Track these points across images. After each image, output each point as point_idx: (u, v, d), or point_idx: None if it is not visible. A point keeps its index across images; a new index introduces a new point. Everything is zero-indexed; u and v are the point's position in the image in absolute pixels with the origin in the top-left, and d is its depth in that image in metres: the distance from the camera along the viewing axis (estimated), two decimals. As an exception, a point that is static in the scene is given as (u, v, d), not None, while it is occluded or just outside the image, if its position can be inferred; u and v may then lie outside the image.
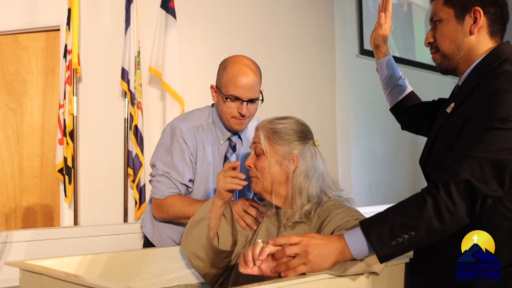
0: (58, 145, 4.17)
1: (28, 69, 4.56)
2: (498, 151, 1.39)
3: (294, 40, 4.78)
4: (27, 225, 4.47)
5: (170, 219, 2.23)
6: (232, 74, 2.18)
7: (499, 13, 1.61)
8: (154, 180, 2.24)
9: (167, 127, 2.32)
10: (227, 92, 2.18)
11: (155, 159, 2.28)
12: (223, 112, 2.23)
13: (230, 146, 2.34)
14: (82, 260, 1.78)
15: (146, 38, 4.30)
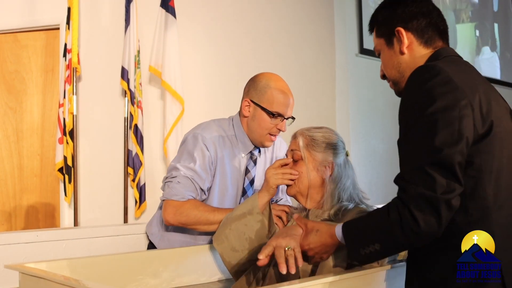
0: (58, 144, 4.17)
1: (27, 68, 4.56)
2: (432, 152, 1.37)
3: (293, 40, 4.77)
4: (27, 224, 4.47)
5: (187, 223, 2.18)
6: (277, 92, 2.24)
7: (426, 22, 1.62)
8: (174, 181, 2.20)
9: (189, 135, 2.31)
10: (273, 109, 2.24)
11: (176, 162, 2.26)
12: (261, 127, 2.28)
13: (252, 159, 2.39)
14: (82, 263, 1.78)
15: (146, 37, 4.29)
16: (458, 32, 6.63)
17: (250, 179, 2.41)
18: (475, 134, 1.40)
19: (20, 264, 1.65)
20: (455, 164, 1.36)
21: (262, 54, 4.64)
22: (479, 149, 1.41)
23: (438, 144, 1.36)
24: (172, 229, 2.33)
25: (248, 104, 2.31)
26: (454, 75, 1.43)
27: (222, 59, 4.55)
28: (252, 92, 2.30)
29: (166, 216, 2.20)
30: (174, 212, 2.17)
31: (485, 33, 7.09)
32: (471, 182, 1.42)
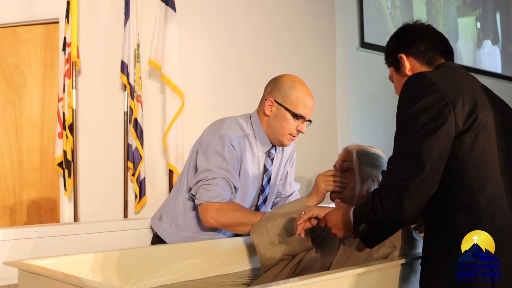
0: (58, 138, 4.16)
1: (27, 62, 4.54)
2: (407, 145, 1.53)
3: (294, 34, 4.75)
4: (27, 219, 4.46)
5: (229, 224, 2.20)
6: (302, 94, 2.34)
7: (424, 45, 1.81)
8: (212, 183, 2.20)
9: (214, 135, 2.30)
10: (296, 111, 2.32)
11: (208, 165, 2.24)
12: (283, 127, 2.34)
13: (269, 157, 2.45)
14: (81, 259, 1.77)
15: (146, 31, 4.27)
16: (459, 25, 6.60)
17: (268, 177, 2.47)
18: (456, 130, 1.51)
19: (19, 261, 1.64)
20: (427, 156, 1.49)
21: (262, 48, 4.63)
22: (463, 143, 1.51)
23: (416, 139, 1.51)
24: (188, 227, 2.33)
25: (271, 104, 2.37)
26: (438, 79, 1.57)
27: (222, 53, 4.53)
28: (276, 92, 2.37)
29: (207, 218, 2.20)
30: (217, 215, 2.18)
31: (487, 26, 7.06)
32: (457, 173, 1.52)
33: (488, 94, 1.67)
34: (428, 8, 6.11)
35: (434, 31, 1.86)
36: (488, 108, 1.59)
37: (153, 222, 2.48)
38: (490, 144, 1.54)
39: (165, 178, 4.32)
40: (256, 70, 4.60)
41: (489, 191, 1.51)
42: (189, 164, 2.37)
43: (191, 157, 2.37)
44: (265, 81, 4.59)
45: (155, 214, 2.51)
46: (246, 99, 4.57)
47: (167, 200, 2.47)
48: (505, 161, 1.55)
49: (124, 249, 1.89)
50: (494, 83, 6.66)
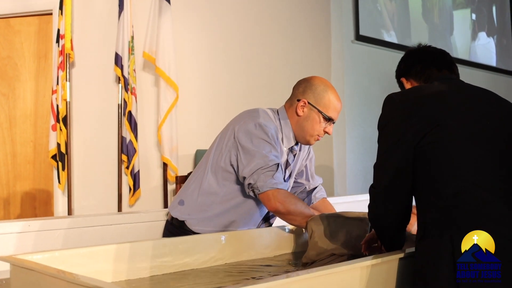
0: (51, 131, 4.14)
1: (20, 54, 4.52)
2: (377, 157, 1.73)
3: (289, 26, 4.74)
4: (21, 212, 4.45)
5: (293, 212, 2.21)
6: (333, 98, 2.42)
7: (421, 66, 1.96)
8: (273, 169, 2.23)
9: (255, 125, 2.31)
10: (328, 113, 2.40)
11: (261, 152, 2.26)
12: (313, 128, 2.42)
13: (292, 153, 2.51)
14: (75, 254, 1.76)
15: (140, 23, 4.25)
16: (455, 17, 6.60)
17: (289, 172, 2.52)
18: (414, 140, 1.63)
19: (11, 256, 1.62)
20: (388, 165, 1.68)
21: (257, 40, 4.61)
22: (421, 151, 1.63)
23: (382, 151, 1.71)
24: (209, 215, 2.34)
25: (304, 105, 2.42)
26: (402, 98, 1.75)
27: (217, 46, 4.51)
28: (310, 94, 2.43)
29: (275, 203, 2.20)
30: (284, 200, 2.20)
31: (482, 17, 7.06)
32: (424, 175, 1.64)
33: (465, 101, 1.74)
34: (424, 0, 6.10)
35: (433, 50, 2.01)
36: (455, 115, 1.66)
37: (172, 208, 2.45)
38: (452, 148, 1.61)
39: (159, 171, 4.31)
40: (251, 62, 4.60)
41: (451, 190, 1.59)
42: (220, 150, 2.36)
43: (224, 145, 2.35)
44: (260, 73, 4.60)
45: (174, 200, 2.49)
46: (241, 91, 4.56)
47: (187, 185, 2.45)
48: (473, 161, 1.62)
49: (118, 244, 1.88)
50: (489, 76, 6.66)
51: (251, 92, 4.59)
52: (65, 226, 2.42)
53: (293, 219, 2.24)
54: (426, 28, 6.10)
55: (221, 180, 2.35)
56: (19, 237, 2.28)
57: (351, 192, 4.84)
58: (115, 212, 4.08)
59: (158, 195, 4.32)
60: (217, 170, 2.35)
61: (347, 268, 1.59)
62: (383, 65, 5.29)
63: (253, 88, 4.60)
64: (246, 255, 2.18)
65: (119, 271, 1.84)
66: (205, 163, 2.42)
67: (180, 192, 2.48)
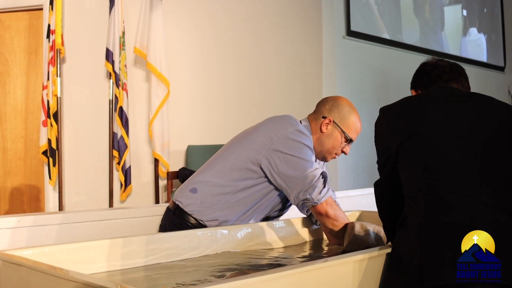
0: (42, 126, 4.14)
1: (10, 49, 4.50)
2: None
3: (281, 22, 4.74)
4: (11, 207, 4.44)
5: (338, 218, 2.31)
6: (357, 120, 2.50)
7: (428, 79, 2.04)
8: (319, 181, 2.28)
9: (294, 132, 2.37)
10: (350, 134, 2.47)
11: (308, 160, 2.33)
12: (334, 146, 2.48)
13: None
14: (64, 249, 1.76)
15: (131, 19, 4.24)
16: (446, 13, 6.61)
17: None
18: (394, 145, 1.77)
19: (1, 251, 1.62)
20: (378, 167, 1.86)
21: (248, 36, 4.61)
22: (400, 154, 1.76)
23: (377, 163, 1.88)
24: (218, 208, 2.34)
25: (329, 122, 2.48)
26: (389, 109, 1.88)
27: (208, 41, 4.51)
28: (336, 113, 2.50)
29: (324, 206, 2.31)
30: (331, 203, 2.30)
31: (473, 13, 7.08)
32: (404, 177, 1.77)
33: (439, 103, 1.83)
34: (415, -4, 6.11)
35: (443, 64, 2.08)
36: (431, 121, 1.75)
37: (181, 195, 2.42)
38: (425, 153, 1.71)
39: (150, 167, 4.31)
40: (242, 58, 4.59)
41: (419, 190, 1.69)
42: (247, 150, 2.36)
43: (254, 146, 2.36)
44: (251, 69, 4.60)
45: (182, 188, 2.46)
46: (232, 86, 4.56)
47: (201, 176, 2.43)
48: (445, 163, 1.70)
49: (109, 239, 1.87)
50: (479, 72, 6.69)
51: (242, 88, 4.59)
52: (56, 221, 2.41)
53: (335, 226, 2.33)
54: (418, 23, 6.11)
55: (242, 178, 2.35)
56: (10, 232, 2.27)
57: (342, 188, 4.85)
58: (106, 208, 4.06)
59: (150, 190, 4.31)
60: (241, 168, 2.35)
61: (339, 262, 1.61)
62: (375, 61, 5.30)
63: (245, 83, 4.60)
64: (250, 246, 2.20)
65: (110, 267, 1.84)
66: (226, 158, 2.39)
67: (191, 180, 2.45)
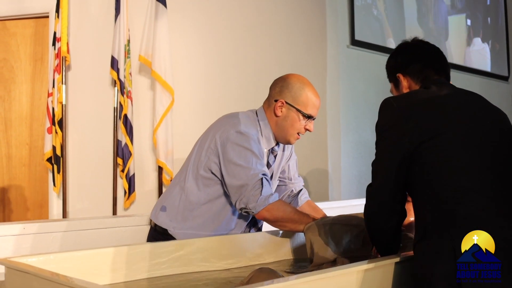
0: (47, 133, 4.15)
1: (16, 56, 4.52)
2: (374, 160, 1.80)
3: (285, 30, 4.75)
4: (16, 213, 4.45)
5: (282, 218, 2.22)
6: (311, 94, 2.41)
7: (420, 65, 1.93)
8: (258, 187, 2.20)
9: (236, 132, 2.29)
10: (307, 111, 2.39)
11: (245, 166, 2.23)
12: (293, 127, 2.40)
13: (273, 154, 2.50)
14: (69, 257, 1.77)
15: (136, 27, 4.26)
16: (450, 22, 6.62)
17: (271, 173, 2.49)
18: (410, 146, 1.68)
19: (6, 259, 1.63)
20: (380, 167, 1.75)
21: (253, 45, 4.62)
22: (419, 157, 1.67)
23: (381, 153, 1.78)
24: (191, 223, 2.33)
25: (282, 105, 2.40)
26: (400, 103, 1.77)
27: (213, 50, 4.52)
28: (287, 93, 2.41)
29: (262, 212, 2.21)
30: (271, 208, 2.20)
31: (477, 23, 7.09)
32: (419, 183, 1.70)
33: (455, 104, 1.78)
34: (419, 5, 6.12)
35: (431, 48, 2.00)
36: (449, 118, 1.72)
37: (154, 214, 2.44)
38: (452, 155, 1.66)
39: (154, 175, 4.31)
40: (246, 66, 4.60)
41: (449, 194, 1.63)
42: (199, 157, 2.35)
43: (204, 152, 2.34)
44: (255, 77, 4.61)
45: (155, 206, 2.48)
46: (237, 95, 4.57)
47: (169, 191, 2.44)
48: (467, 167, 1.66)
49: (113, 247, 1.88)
50: (483, 82, 6.69)
51: (246, 96, 4.60)
52: (61, 229, 2.43)
53: (283, 226, 2.26)
54: (422, 33, 6.11)
55: (202, 187, 2.33)
56: (14, 239, 2.28)
57: (345, 197, 4.84)
58: (110, 216, 4.08)
59: (153, 198, 4.32)
60: (198, 177, 2.33)
61: (342, 272, 1.60)
62: (379, 70, 5.26)
63: (248, 92, 4.61)
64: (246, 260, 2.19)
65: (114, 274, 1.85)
66: (186, 169, 2.40)
67: (162, 198, 2.47)
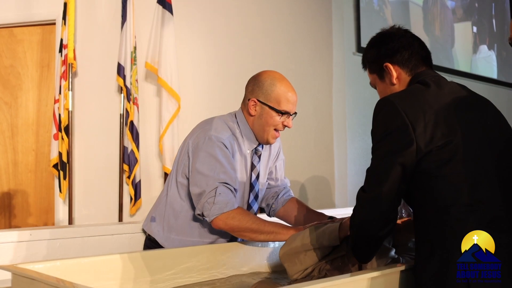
0: (53, 140, 4.15)
1: (23, 63, 4.54)
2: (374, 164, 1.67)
3: (291, 37, 4.76)
4: (21, 220, 4.45)
5: (238, 228, 2.15)
6: (283, 90, 2.33)
7: (408, 53, 1.85)
8: (216, 194, 2.15)
9: (205, 138, 2.26)
10: (281, 107, 2.32)
11: (205, 174, 2.20)
12: (268, 124, 2.34)
13: (257, 154, 2.45)
14: (76, 264, 1.77)
15: (143, 34, 4.27)
16: (456, 30, 6.62)
17: (256, 174, 2.45)
18: (419, 150, 1.59)
19: (13, 265, 1.63)
20: (384, 173, 1.61)
21: (259, 52, 4.63)
22: (430, 162, 1.59)
23: (380, 158, 1.64)
24: (180, 229, 2.32)
25: (254, 104, 2.36)
26: (402, 103, 1.67)
27: (219, 57, 4.53)
28: (258, 91, 2.35)
29: (216, 221, 2.16)
30: (226, 217, 2.14)
31: (483, 30, 7.08)
32: (426, 189, 1.62)
33: (462, 108, 1.71)
34: (425, 13, 6.12)
35: (415, 37, 1.92)
36: (458, 124, 1.65)
37: (146, 224, 2.45)
38: (461, 160, 1.60)
39: (160, 181, 4.32)
40: (252, 74, 4.58)
41: (459, 206, 1.57)
42: (177, 164, 2.35)
43: (180, 159, 2.35)
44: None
45: (147, 216, 2.49)
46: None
47: (158, 201, 2.45)
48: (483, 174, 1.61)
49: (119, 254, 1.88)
50: (490, 89, 6.68)
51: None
52: (67, 235, 2.43)
53: (243, 236, 2.19)
54: (428, 41, 6.12)
55: (183, 194, 2.32)
56: (21, 246, 2.29)
57: (352, 204, 4.82)
58: (116, 222, 4.08)
59: (159, 205, 4.32)
60: (178, 184, 2.32)
61: (349, 280, 1.60)
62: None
63: (255, 99, 4.62)
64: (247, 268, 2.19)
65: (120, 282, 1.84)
66: (170, 176, 2.40)
67: (152, 208, 2.47)
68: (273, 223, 2.22)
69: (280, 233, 2.17)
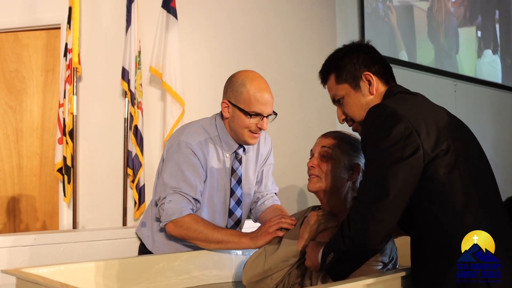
0: (58, 144, 4.16)
1: (28, 67, 4.55)
2: (375, 173, 1.59)
3: (295, 41, 4.76)
4: (26, 224, 4.46)
5: (187, 236, 2.14)
6: (254, 90, 2.21)
7: (383, 67, 1.84)
8: (165, 201, 2.15)
9: (174, 142, 2.26)
10: (251, 109, 2.21)
11: (164, 179, 2.21)
12: (241, 127, 2.25)
13: (237, 158, 2.37)
14: (80, 268, 1.77)
15: (147, 38, 4.28)
16: (460, 35, 6.62)
17: (236, 179, 2.39)
18: (425, 156, 1.56)
19: (17, 269, 1.64)
20: (391, 183, 1.54)
21: (262, 56, 4.63)
22: (437, 167, 1.57)
23: (383, 167, 1.56)
24: (163, 235, 2.32)
25: (227, 106, 2.28)
26: (399, 109, 1.62)
27: (223, 60, 4.53)
28: (230, 93, 2.27)
29: (168, 229, 2.17)
30: (174, 225, 2.14)
31: (487, 35, 7.08)
32: (436, 195, 1.58)
33: (448, 116, 1.73)
34: (429, 19, 6.12)
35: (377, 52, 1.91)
36: (453, 130, 1.66)
37: (138, 229, 2.45)
38: (465, 165, 1.60)
39: (164, 185, 4.31)
40: (256, 78, 4.60)
41: (469, 212, 1.57)
42: (159, 168, 2.37)
43: (160, 162, 2.37)
44: (265, 89, 4.61)
45: (140, 221, 2.49)
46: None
47: (148, 206, 2.46)
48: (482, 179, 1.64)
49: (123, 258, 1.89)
50: (494, 93, 6.67)
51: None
52: (71, 240, 2.43)
53: (193, 243, 2.17)
54: (432, 48, 6.12)
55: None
56: (25, 250, 2.29)
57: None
58: (120, 226, 4.08)
59: (163, 209, 4.32)
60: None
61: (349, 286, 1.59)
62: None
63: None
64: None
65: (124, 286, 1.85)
66: (155, 182, 2.41)
67: (144, 212, 2.49)
68: (226, 231, 2.18)
69: (231, 241, 2.12)
